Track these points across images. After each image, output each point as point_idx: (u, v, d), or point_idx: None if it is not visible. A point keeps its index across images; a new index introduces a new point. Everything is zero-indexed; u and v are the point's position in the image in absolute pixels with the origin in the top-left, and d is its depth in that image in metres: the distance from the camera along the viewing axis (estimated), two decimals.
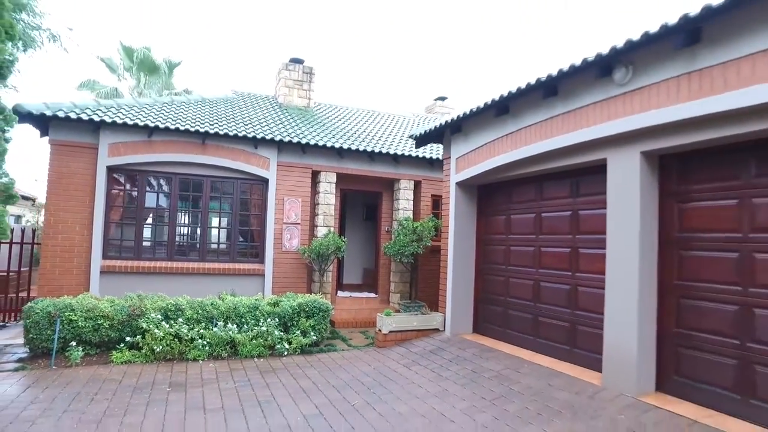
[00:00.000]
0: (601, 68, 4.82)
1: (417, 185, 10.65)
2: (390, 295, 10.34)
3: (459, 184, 7.62)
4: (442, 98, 17.24)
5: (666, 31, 4.05)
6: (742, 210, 4.16)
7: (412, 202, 10.50)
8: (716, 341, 4.28)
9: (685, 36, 4.01)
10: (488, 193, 7.56)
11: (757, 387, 3.94)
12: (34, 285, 10.26)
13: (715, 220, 4.38)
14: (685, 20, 3.86)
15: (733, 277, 4.19)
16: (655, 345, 4.72)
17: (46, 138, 8.32)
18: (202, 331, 6.68)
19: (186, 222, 9.31)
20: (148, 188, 8.80)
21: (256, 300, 7.33)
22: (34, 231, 9.98)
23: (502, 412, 4.59)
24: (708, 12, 3.72)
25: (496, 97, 6.17)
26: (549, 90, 5.50)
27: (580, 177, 5.78)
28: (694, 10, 3.84)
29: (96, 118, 7.98)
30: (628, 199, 4.81)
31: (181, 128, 8.46)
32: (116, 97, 19.27)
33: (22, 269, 10.64)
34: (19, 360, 6.18)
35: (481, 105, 6.48)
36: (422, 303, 9.06)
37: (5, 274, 9.17)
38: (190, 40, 50.23)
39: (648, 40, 4.22)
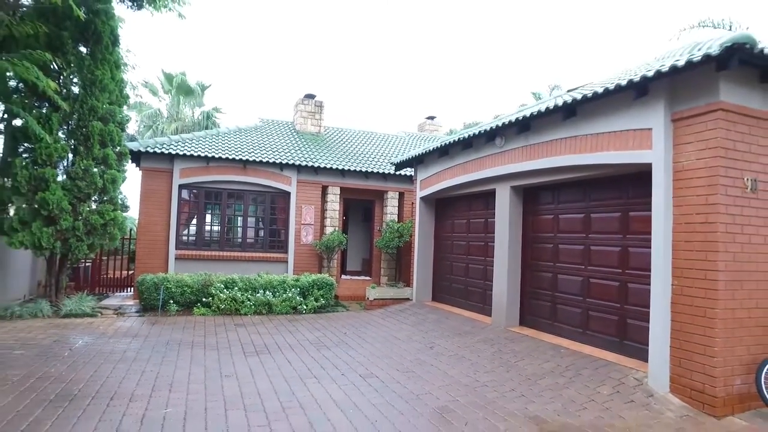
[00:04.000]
0: (489, 137, 8.21)
1: (401, 195, 14.07)
2: (380, 277, 13.80)
3: (422, 198, 11.05)
4: (432, 117, 20.56)
5: (512, 123, 7.42)
6: (554, 221, 7.55)
7: (397, 208, 13.94)
8: (544, 294, 7.67)
9: (520, 127, 7.39)
10: (441, 205, 10.98)
11: (557, 315, 7.34)
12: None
13: (545, 226, 7.76)
14: (518, 120, 7.23)
15: (550, 258, 7.57)
16: (519, 298, 8.12)
17: (133, 165, 11.95)
18: (249, 296, 10.20)
19: (232, 223, 12.87)
20: (206, 199, 12.37)
21: (284, 277, 10.84)
22: (130, 230, 13.61)
23: (429, 335, 8.05)
24: (531, 116, 7.07)
25: (440, 145, 9.58)
26: (466, 144, 8.90)
27: (488, 198, 9.15)
28: (529, 110, 7.20)
29: (173, 152, 11.54)
30: (505, 214, 8.19)
31: (230, 157, 12.01)
32: (159, 117, 23.02)
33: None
34: (137, 311, 9.79)
35: (431, 148, 9.92)
36: (402, 282, 12.52)
37: (105, 260, 12.81)
38: (216, 64, 56.39)
39: (505, 126, 7.59)
